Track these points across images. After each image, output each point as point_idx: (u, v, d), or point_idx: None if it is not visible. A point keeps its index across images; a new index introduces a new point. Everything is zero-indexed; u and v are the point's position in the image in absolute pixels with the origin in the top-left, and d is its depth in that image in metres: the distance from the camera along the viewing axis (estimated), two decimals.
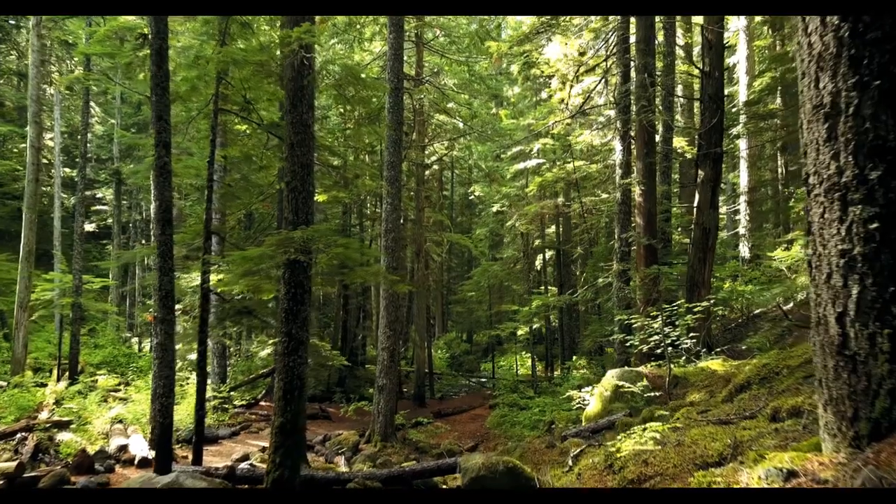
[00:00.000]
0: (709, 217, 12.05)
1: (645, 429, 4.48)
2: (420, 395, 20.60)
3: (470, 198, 36.86)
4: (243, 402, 15.92)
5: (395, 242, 14.21)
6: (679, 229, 20.74)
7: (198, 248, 9.03)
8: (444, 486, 8.78)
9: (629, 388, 8.22)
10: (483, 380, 27.92)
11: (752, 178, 22.49)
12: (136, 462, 10.78)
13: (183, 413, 14.21)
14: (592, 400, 8.83)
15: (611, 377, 8.56)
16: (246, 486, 7.95)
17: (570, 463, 4.89)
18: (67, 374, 18.99)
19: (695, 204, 12.74)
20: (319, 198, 10.47)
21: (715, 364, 8.37)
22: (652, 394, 8.14)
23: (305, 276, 6.84)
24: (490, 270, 25.77)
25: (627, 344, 9.96)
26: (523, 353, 29.80)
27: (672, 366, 8.96)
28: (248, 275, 6.82)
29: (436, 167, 30.38)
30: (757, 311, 18.02)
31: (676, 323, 8.54)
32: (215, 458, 11.93)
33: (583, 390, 9.38)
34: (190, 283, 11.09)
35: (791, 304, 15.04)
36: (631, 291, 12.49)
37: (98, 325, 28.97)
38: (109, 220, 33.35)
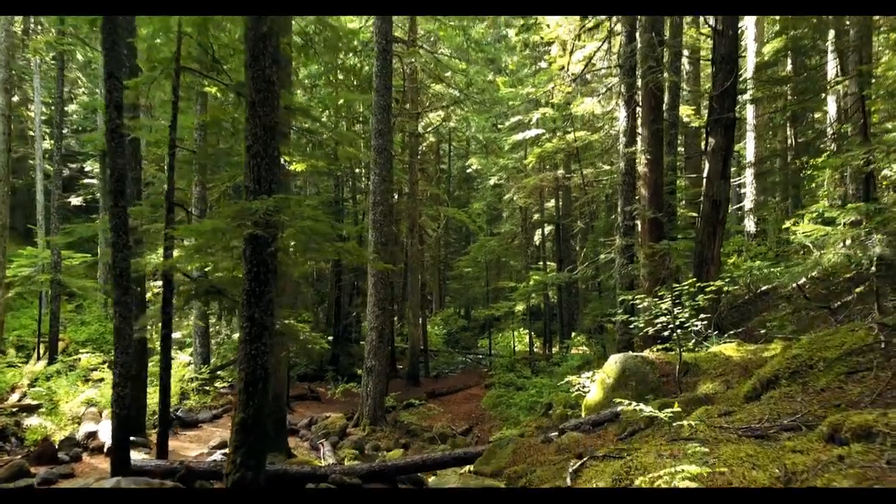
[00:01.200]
0: (719, 188, 11.19)
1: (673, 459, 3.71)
2: (414, 374, 19.96)
3: (468, 171, 35.86)
4: (226, 384, 15.22)
5: (385, 216, 13.38)
6: (683, 203, 19.88)
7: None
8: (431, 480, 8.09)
9: (635, 374, 7.48)
10: (480, 357, 27.32)
11: (759, 150, 21.56)
12: (105, 450, 10.07)
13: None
14: (593, 387, 8.09)
15: (614, 363, 7.80)
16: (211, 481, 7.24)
17: (567, 480, 4.13)
18: (47, 352, 18.31)
19: (704, 174, 11.87)
20: (297, 167, 9.60)
21: (729, 349, 7.60)
22: (659, 380, 7.40)
23: (270, 253, 6.03)
24: (487, 246, 24.95)
25: (631, 326, 9.20)
26: (521, 329, 29.16)
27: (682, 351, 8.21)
28: (202, 252, 6.01)
29: (432, 139, 29.40)
30: (764, 288, 17.30)
31: (686, 304, 7.77)
32: (192, 445, 11.26)
33: (583, 375, 8.64)
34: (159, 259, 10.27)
35: (802, 280, 14.27)
36: (635, 268, 11.69)
37: (85, 302, 28.23)
38: (98, 194, 32.39)
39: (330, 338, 26.20)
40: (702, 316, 8.19)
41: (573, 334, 26.91)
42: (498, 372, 19.38)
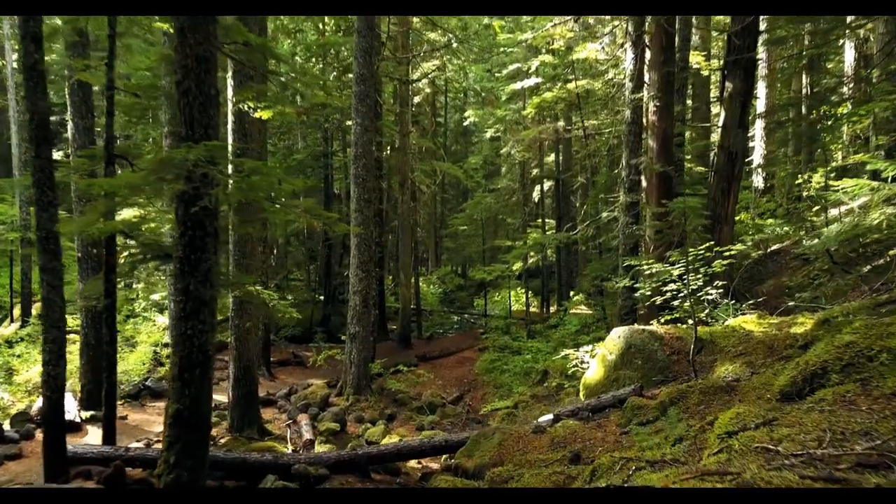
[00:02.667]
0: (736, 139, 10.08)
1: None
2: (405, 337, 19.14)
3: (465, 124, 34.42)
4: None
5: (368, 171, 12.27)
6: (690, 157, 18.69)
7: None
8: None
9: (642, 350, 6.55)
10: (475, 317, 26.55)
11: (770, 99, 20.24)
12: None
13: (133, 363, 12.71)
14: (593, 364, 7.17)
15: (617, 337, 6.86)
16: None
17: None
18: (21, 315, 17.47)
19: (719, 123, 10.74)
20: (263, 115, 8.46)
21: (748, 322, 6.64)
22: (669, 358, 6.47)
23: (208, 214, 5.01)
24: (483, 203, 23.84)
25: (636, 293, 8.23)
26: (518, 288, 28.32)
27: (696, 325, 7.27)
28: (112, 211, 4.97)
29: (427, 91, 27.92)
30: (775, 248, 16.34)
31: (700, 269, 6.80)
32: (158, 419, 10.43)
33: (581, 350, 7.73)
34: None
35: (815, 241, 13.29)
36: (639, 229, 10.67)
37: (70, 263, 27.34)
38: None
39: (321, 298, 25.51)
40: (717, 283, 7.22)
41: (572, 294, 26.08)
42: (492, 334, 18.58)
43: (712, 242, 6.58)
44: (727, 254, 6.61)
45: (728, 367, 5.67)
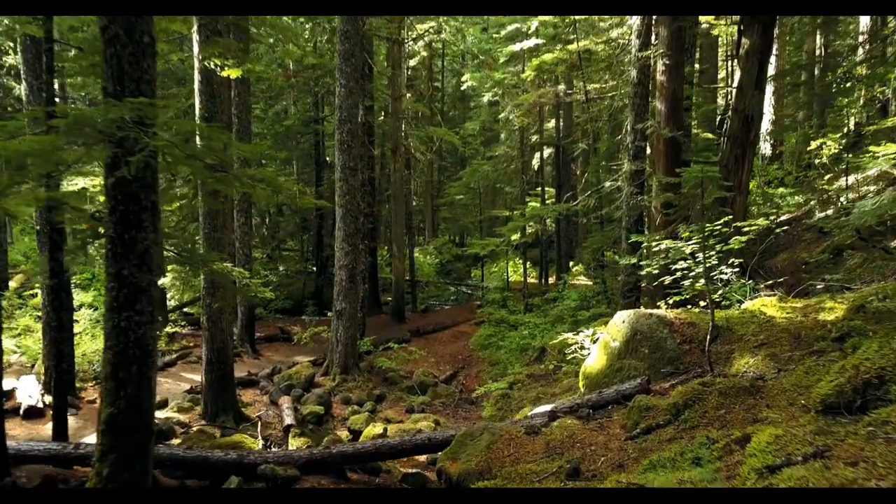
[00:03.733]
0: (752, 100, 9.22)
1: None
2: (398, 310, 18.50)
3: (462, 88, 33.24)
4: (186, 324, 13.70)
5: (353, 136, 11.42)
6: (695, 122, 17.77)
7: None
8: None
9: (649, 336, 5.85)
10: (472, 289, 25.90)
11: (781, 61, 19.20)
12: (21, 412, 8.63)
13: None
14: (594, 350, 6.48)
15: (621, 322, 6.15)
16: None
17: None
18: None
19: (733, 84, 9.88)
20: (231, 73, 7.62)
21: (769, 305, 5.92)
22: (679, 348, 5.77)
23: (144, 186, 4.24)
24: (481, 170, 22.95)
25: (642, 271, 7.50)
26: (516, 259, 27.60)
27: (706, 309, 6.57)
28: (18, 184, 4.20)
29: (424, 54, 26.79)
30: (784, 218, 15.59)
31: (714, 246, 6.07)
32: None
33: (581, 334, 7.03)
34: (71, 187, 8.44)
35: (824, 214, 12.56)
36: (645, 199, 9.89)
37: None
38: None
39: (314, 269, 24.79)
40: (732, 261, 6.50)
41: (571, 264, 25.36)
42: (489, 308, 17.92)
43: (730, 216, 5.82)
44: (746, 229, 5.85)
45: (748, 360, 4.97)
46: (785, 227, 13.53)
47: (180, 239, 5.61)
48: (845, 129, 18.30)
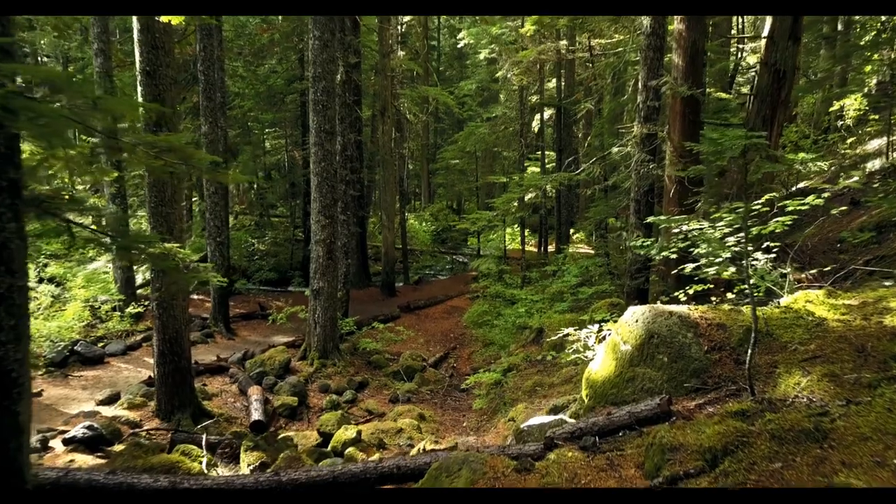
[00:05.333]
0: (786, 52, 7.96)
1: None
2: (389, 284, 17.46)
3: (459, 46, 31.55)
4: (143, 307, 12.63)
5: (329, 95, 10.16)
6: (708, 80, 16.39)
7: None
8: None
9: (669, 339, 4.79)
10: (468, 258, 24.84)
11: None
12: None
13: (62, 321, 11.02)
14: (601, 353, 5.41)
15: (634, 321, 5.07)
16: None
17: None
18: None
19: (763, 33, 8.59)
20: (172, 20, 6.38)
21: (817, 303, 4.83)
22: (707, 357, 4.72)
23: None
24: (476, 133, 21.60)
25: (655, 254, 6.38)
26: (514, 226, 26.45)
27: (738, 305, 5.51)
28: None
29: None
30: (802, 185, 14.44)
31: (749, 229, 4.96)
32: (82, 395, 8.80)
33: (584, 331, 5.95)
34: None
35: (851, 181, 11.40)
36: (657, 167, 8.71)
37: None
38: None
39: (301, 237, 23.65)
40: (767, 245, 5.41)
41: (571, 231, 24.22)
42: (484, 281, 16.87)
43: (774, 194, 4.67)
44: (790, 208, 4.71)
45: (799, 381, 3.90)
46: (803, 196, 12.36)
47: (106, 217, 4.45)
48: (866, 89, 16.98)
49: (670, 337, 4.78)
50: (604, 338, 5.83)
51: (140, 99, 7.29)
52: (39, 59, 23.01)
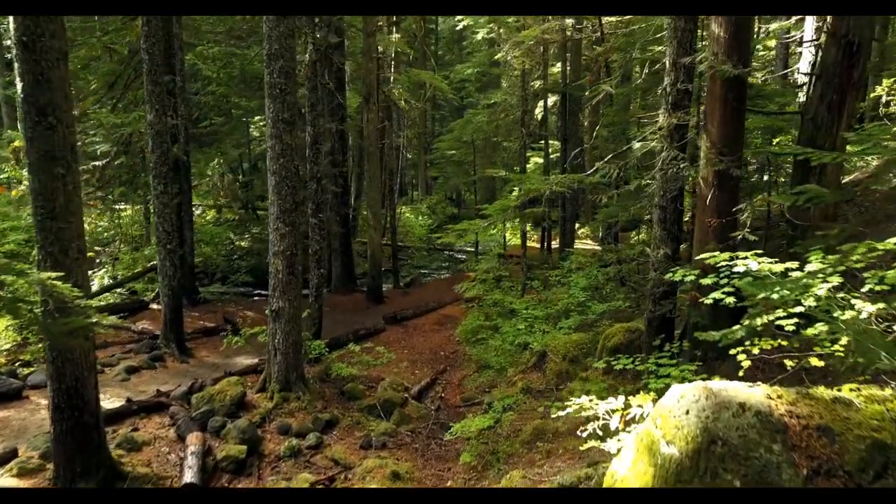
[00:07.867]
0: (859, 24, 6.20)
1: None
2: (375, 289, 15.79)
3: (458, 28, 29.62)
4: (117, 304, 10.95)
5: (287, 77, 8.42)
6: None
7: None
8: None
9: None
10: (466, 255, 23.12)
11: None
12: None
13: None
14: (630, 452, 3.71)
15: (682, 411, 3.35)
16: None
17: None
18: None
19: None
20: None
21: None
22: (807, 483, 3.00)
23: None
24: (475, 121, 19.84)
25: (692, 286, 4.70)
26: (515, 220, 24.67)
27: (838, 387, 3.80)
28: None
29: None
30: (848, 179, 12.80)
31: (817, 262, 3.32)
32: None
33: (602, 410, 4.25)
34: None
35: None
36: (689, 168, 6.98)
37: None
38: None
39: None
40: (865, 289, 3.71)
41: (577, 226, 22.44)
42: (481, 286, 15.14)
43: None
44: None
45: None
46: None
47: None
48: None
49: (745, 448, 3.07)
50: (632, 419, 4.14)
51: (17, 77, 5.57)
52: None
